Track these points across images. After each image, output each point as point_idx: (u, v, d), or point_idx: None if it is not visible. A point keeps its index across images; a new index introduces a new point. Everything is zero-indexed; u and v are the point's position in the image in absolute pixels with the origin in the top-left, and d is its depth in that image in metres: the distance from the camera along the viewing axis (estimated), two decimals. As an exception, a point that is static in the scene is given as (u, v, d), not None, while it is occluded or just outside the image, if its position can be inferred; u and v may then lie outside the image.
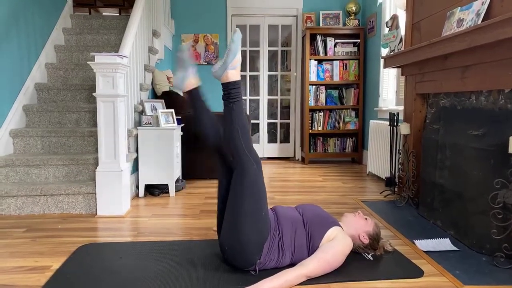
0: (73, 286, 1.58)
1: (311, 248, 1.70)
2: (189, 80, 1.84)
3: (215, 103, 5.12)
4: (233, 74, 1.70)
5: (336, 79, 4.84)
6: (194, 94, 1.86)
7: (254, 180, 1.66)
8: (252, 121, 5.21)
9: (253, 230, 1.63)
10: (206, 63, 5.07)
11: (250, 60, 5.25)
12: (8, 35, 2.99)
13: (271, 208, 1.84)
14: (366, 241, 1.81)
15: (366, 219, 1.87)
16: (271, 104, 5.41)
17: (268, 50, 5.23)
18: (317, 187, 3.48)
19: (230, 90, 1.70)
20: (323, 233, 1.71)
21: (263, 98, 5.29)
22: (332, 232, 1.72)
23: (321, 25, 4.96)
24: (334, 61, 4.83)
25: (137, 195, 3.15)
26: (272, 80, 5.38)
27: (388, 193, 3.18)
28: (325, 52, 4.84)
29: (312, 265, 1.60)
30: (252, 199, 1.65)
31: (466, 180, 2.07)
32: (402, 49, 3.01)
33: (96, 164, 2.73)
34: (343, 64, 4.83)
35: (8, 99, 2.99)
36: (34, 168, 2.75)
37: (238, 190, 1.66)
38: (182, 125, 3.61)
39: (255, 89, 5.38)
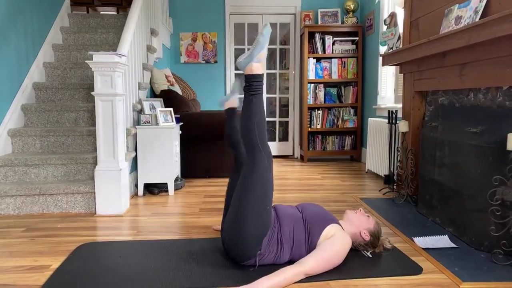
0: (73, 285, 1.58)
1: (310, 245, 1.70)
2: None
3: (215, 103, 5.12)
4: (257, 67, 1.72)
5: (335, 77, 4.84)
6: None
7: (263, 175, 1.68)
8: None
9: (255, 223, 1.64)
10: (204, 62, 5.07)
11: (249, 59, 5.24)
12: (6, 34, 2.98)
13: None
14: (367, 238, 1.81)
15: (368, 216, 1.87)
16: (269, 102, 5.41)
17: (267, 48, 5.21)
18: (316, 185, 3.48)
19: (252, 83, 1.70)
20: (321, 229, 1.71)
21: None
22: (330, 229, 1.72)
23: (319, 23, 4.95)
24: (333, 59, 4.83)
25: (136, 194, 3.15)
26: (270, 78, 5.38)
27: (387, 191, 3.18)
28: (324, 50, 4.83)
29: (311, 263, 1.60)
30: (259, 193, 1.66)
31: (464, 177, 2.08)
32: (401, 46, 3.01)
33: (95, 163, 2.73)
34: (342, 62, 4.83)
35: (6, 98, 2.98)
36: (32, 168, 2.74)
37: (246, 183, 1.67)
38: (181, 123, 3.60)
39: (253, 88, 5.37)
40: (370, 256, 1.84)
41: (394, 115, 3.24)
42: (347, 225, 1.84)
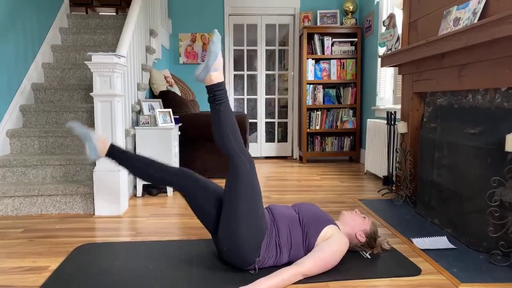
0: (71, 286, 1.58)
1: (307, 246, 1.70)
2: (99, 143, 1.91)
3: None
4: (216, 76, 1.71)
5: (334, 78, 4.84)
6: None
7: (248, 179, 1.67)
8: (250, 121, 5.20)
9: (250, 229, 1.63)
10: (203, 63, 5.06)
11: (248, 60, 5.25)
12: (5, 35, 2.98)
13: (266, 207, 1.84)
14: (362, 239, 1.81)
15: (364, 217, 1.87)
16: (268, 103, 5.41)
17: (266, 49, 5.23)
18: (315, 186, 3.48)
19: (215, 92, 1.70)
20: (318, 231, 1.71)
21: (261, 97, 5.29)
22: (327, 230, 1.72)
23: (318, 24, 4.96)
24: (332, 60, 4.83)
25: (135, 195, 3.15)
26: (269, 79, 5.38)
27: (385, 192, 3.18)
28: (323, 51, 4.84)
29: (309, 264, 1.60)
30: (247, 199, 1.65)
31: (463, 178, 2.08)
32: (399, 48, 3.02)
33: (94, 164, 2.72)
34: (341, 63, 4.84)
35: (4, 99, 2.97)
36: (31, 169, 2.74)
37: (233, 190, 1.66)
38: (180, 124, 3.60)
39: (252, 89, 5.38)
40: (369, 257, 1.84)
41: (393, 116, 3.25)
42: (343, 226, 1.83)
